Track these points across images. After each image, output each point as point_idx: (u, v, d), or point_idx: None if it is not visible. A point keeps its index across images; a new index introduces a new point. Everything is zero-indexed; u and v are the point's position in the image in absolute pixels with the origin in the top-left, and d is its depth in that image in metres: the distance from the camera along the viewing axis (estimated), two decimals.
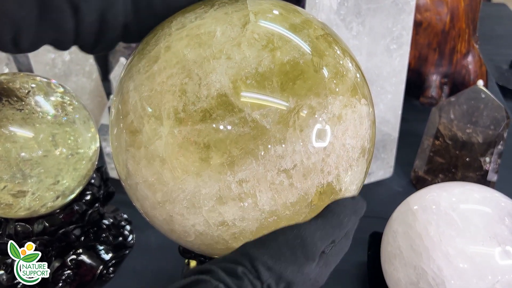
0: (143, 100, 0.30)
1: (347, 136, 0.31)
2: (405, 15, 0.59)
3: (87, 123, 0.50)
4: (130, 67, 0.33)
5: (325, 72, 0.30)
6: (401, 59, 0.62)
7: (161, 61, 0.30)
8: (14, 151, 0.44)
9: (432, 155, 0.67)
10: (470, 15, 0.78)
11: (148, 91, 0.30)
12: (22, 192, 0.46)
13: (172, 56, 0.30)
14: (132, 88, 0.31)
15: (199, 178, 0.29)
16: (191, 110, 0.28)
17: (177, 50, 0.30)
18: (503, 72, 1.04)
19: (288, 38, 0.30)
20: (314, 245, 0.29)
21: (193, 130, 0.28)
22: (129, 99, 0.31)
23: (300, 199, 0.30)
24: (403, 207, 0.49)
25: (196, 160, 0.28)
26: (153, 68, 0.30)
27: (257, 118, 0.28)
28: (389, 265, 0.47)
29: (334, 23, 0.58)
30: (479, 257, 0.42)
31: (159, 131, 0.29)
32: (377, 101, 0.64)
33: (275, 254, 0.29)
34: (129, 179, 0.32)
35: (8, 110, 0.44)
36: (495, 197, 0.46)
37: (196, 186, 0.29)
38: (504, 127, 0.62)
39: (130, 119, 0.31)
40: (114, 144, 0.34)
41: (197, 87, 0.28)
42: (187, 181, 0.29)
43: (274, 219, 0.30)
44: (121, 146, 0.32)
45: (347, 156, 0.31)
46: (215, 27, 0.30)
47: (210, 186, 0.29)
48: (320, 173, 0.29)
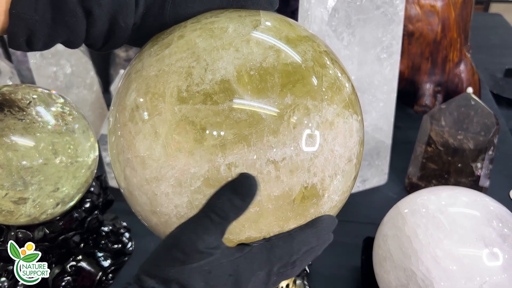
0: (149, 79, 0.32)
1: (337, 143, 0.32)
2: (394, 25, 0.60)
3: (86, 132, 0.52)
4: (141, 52, 0.35)
5: (323, 81, 0.32)
6: (391, 68, 0.63)
7: (173, 46, 0.32)
8: (16, 160, 0.46)
9: (425, 162, 0.68)
10: (461, 25, 0.80)
11: (156, 71, 0.32)
12: (23, 199, 0.47)
13: (184, 43, 0.32)
14: (140, 68, 0.33)
15: (191, 157, 0.30)
16: (194, 90, 0.30)
17: (189, 39, 0.32)
18: (497, 81, 1.06)
19: (294, 44, 0.33)
20: (188, 241, 0.29)
21: (192, 110, 0.30)
22: (136, 79, 0.33)
23: (284, 194, 0.31)
24: (394, 211, 0.50)
25: (191, 139, 0.30)
26: (164, 52, 0.32)
27: (255, 106, 0.29)
28: (380, 268, 0.49)
29: (326, 33, 0.59)
30: (467, 258, 0.43)
31: (160, 107, 0.30)
32: (369, 109, 0.66)
33: (155, 260, 0.30)
34: (122, 155, 0.33)
35: (10, 120, 0.46)
36: (484, 201, 0.47)
37: (186, 164, 0.30)
38: (494, 133, 0.63)
39: (134, 96, 0.32)
40: (113, 152, 0.36)
41: (203, 71, 0.30)
42: (178, 158, 0.30)
43: (256, 211, 0.31)
44: (118, 122, 0.33)
45: (334, 163, 0.32)
46: (228, 24, 0.33)
47: (200, 166, 0.29)
48: (307, 172, 0.31)
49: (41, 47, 0.33)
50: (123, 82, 0.35)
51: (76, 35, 0.32)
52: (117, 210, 0.64)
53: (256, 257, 0.31)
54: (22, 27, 0.31)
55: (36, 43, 0.32)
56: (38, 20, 0.31)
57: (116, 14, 0.32)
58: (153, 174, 0.31)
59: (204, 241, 0.29)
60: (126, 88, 0.33)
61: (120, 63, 0.94)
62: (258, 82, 0.30)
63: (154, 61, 0.32)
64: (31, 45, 0.32)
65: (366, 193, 0.73)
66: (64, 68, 0.77)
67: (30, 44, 0.32)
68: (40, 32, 0.31)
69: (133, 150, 0.32)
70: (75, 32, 0.32)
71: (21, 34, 0.31)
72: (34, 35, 0.31)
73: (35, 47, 0.32)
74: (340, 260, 0.61)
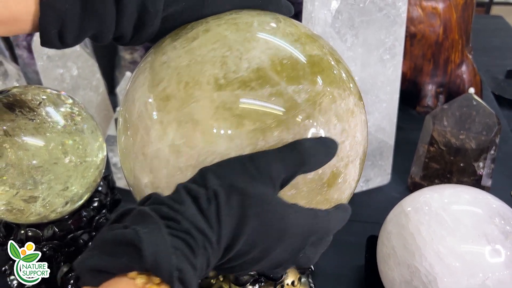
0: (181, 68, 0.32)
1: (357, 131, 0.34)
2: (397, 27, 0.61)
3: (94, 132, 0.53)
4: (160, 47, 0.35)
5: (342, 73, 0.35)
6: (394, 69, 0.64)
7: (201, 39, 0.33)
8: (26, 159, 0.47)
9: (427, 162, 0.69)
10: (462, 26, 0.81)
11: (187, 61, 0.32)
12: (33, 197, 0.48)
13: (212, 36, 0.33)
14: (166, 60, 0.33)
15: (232, 142, 0.30)
16: (231, 78, 0.31)
17: (217, 32, 0.33)
18: (499, 82, 1.07)
19: (313, 39, 0.35)
20: (268, 164, 0.29)
21: (231, 96, 0.31)
22: (162, 70, 0.33)
23: (317, 177, 0.32)
24: (397, 209, 0.51)
25: (230, 125, 0.30)
26: (192, 44, 0.33)
27: (290, 92, 0.31)
28: (384, 265, 0.49)
29: (329, 35, 0.60)
30: (469, 255, 0.44)
31: (196, 95, 0.31)
32: (372, 109, 0.67)
33: (226, 165, 0.29)
34: (147, 148, 0.32)
35: (21, 120, 0.47)
36: (486, 199, 0.48)
37: (227, 149, 0.30)
38: (496, 133, 0.64)
39: (163, 87, 0.32)
40: (123, 151, 0.37)
41: (238, 60, 0.32)
42: (219, 144, 0.30)
43: (292, 193, 0.32)
44: (141, 116, 0.33)
45: (355, 149, 0.34)
46: (252, 19, 0.34)
47: (241, 150, 0.30)
48: (336, 156, 0.32)
49: (72, 41, 0.33)
50: (142, 75, 0.35)
51: (106, 25, 0.32)
52: None
53: (302, 215, 0.31)
54: (53, 17, 0.31)
55: (68, 36, 0.32)
56: (69, 8, 0.31)
57: (145, 2, 0.32)
58: (190, 162, 0.31)
59: (279, 169, 0.29)
60: (151, 79, 0.33)
61: (126, 66, 0.95)
62: (291, 70, 0.32)
63: (182, 52, 0.33)
64: (63, 39, 0.32)
65: (369, 192, 0.74)
66: (70, 70, 0.78)
67: (62, 37, 0.32)
68: (71, 23, 0.31)
69: (165, 140, 0.32)
70: (106, 22, 0.32)
71: (53, 25, 0.31)
72: (66, 26, 0.31)
73: (67, 40, 0.32)
74: (344, 258, 0.61)
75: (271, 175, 0.29)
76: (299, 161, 0.30)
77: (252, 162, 0.29)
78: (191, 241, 0.26)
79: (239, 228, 0.28)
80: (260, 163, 0.29)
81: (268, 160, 0.29)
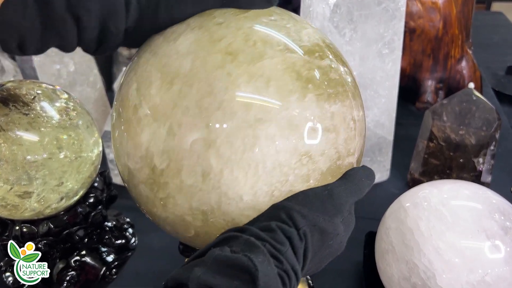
0: (244, 29, 0.32)
1: (366, 123, 0.38)
2: (396, 21, 0.61)
3: (90, 127, 0.52)
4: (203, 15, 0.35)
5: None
6: (393, 63, 0.63)
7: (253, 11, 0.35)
8: (20, 154, 0.46)
9: (427, 157, 0.68)
10: (462, 21, 0.80)
11: (250, 24, 0.33)
12: (28, 193, 0.47)
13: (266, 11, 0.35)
14: (223, 22, 0.33)
15: (301, 102, 0.31)
16: (298, 44, 0.33)
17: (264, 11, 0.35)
18: (499, 79, 1.06)
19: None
20: (341, 199, 0.32)
21: (300, 59, 0.32)
22: (220, 29, 0.33)
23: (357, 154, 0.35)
24: (396, 204, 0.51)
25: (300, 86, 0.31)
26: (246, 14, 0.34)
27: (341, 70, 0.34)
28: (383, 261, 0.49)
29: (328, 29, 0.60)
30: (469, 250, 0.43)
31: (267, 52, 0.31)
32: (371, 105, 0.66)
33: (307, 204, 0.31)
34: (209, 98, 0.31)
35: (15, 114, 0.46)
36: (486, 194, 0.48)
37: (299, 107, 0.31)
38: (495, 128, 0.63)
39: (228, 42, 0.32)
40: (117, 146, 0.36)
41: (299, 32, 0.34)
42: (291, 102, 0.31)
43: (339, 164, 0.33)
44: (204, 68, 0.31)
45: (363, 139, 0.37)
46: (272, 12, 0.35)
47: (311, 110, 0.31)
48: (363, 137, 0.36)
49: (34, 52, 0.33)
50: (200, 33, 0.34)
51: (67, 41, 0.33)
52: (119, 207, 0.64)
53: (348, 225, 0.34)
54: (12, 33, 0.31)
55: (28, 48, 0.32)
56: (28, 26, 0.31)
57: (106, 20, 0.33)
58: (260, 116, 0.31)
59: (348, 203, 0.33)
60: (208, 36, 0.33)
61: (123, 62, 0.94)
62: (334, 53, 0.35)
63: (241, 17, 0.34)
64: (24, 50, 0.33)
65: None
66: (67, 66, 0.77)
67: (23, 49, 0.32)
68: (31, 38, 0.32)
69: (231, 92, 0.30)
70: (66, 38, 0.33)
71: (12, 40, 0.31)
72: (25, 40, 0.32)
73: (28, 52, 0.33)
74: (342, 254, 0.60)
75: (344, 209, 0.32)
76: (359, 192, 0.34)
77: (330, 200, 0.32)
78: (287, 280, 0.28)
79: (313, 258, 0.31)
80: (336, 200, 0.32)
81: (341, 196, 0.32)
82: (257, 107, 0.30)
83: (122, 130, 0.34)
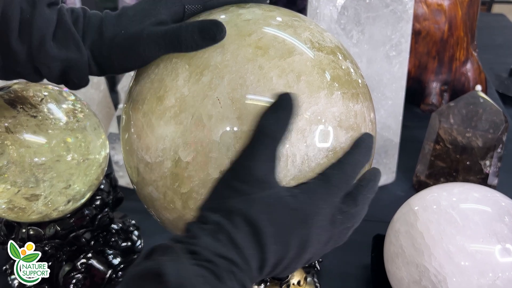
0: (272, 26, 0.34)
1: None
2: (403, 23, 0.61)
3: (97, 129, 0.52)
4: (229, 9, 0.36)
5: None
6: (400, 66, 0.63)
7: (279, 10, 0.36)
8: (28, 156, 0.46)
9: (433, 160, 0.68)
10: (468, 24, 0.80)
11: (277, 22, 0.34)
12: (35, 196, 0.47)
13: (287, 11, 0.37)
14: (251, 18, 0.34)
15: (330, 98, 0.32)
16: (322, 44, 0.34)
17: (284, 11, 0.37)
18: (503, 80, 1.06)
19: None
20: (247, 170, 0.30)
21: (325, 58, 0.33)
22: (249, 25, 0.33)
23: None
24: (405, 207, 0.50)
25: (327, 83, 0.32)
26: (271, 13, 0.35)
27: (359, 74, 0.36)
28: (392, 264, 0.49)
29: (335, 32, 0.60)
30: (479, 254, 0.43)
31: (295, 48, 0.32)
32: (378, 107, 0.66)
33: (216, 194, 0.30)
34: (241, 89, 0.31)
35: (23, 116, 0.46)
36: (495, 197, 0.48)
37: (327, 103, 0.32)
38: (503, 131, 0.63)
39: (258, 37, 0.32)
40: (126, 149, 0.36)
41: (321, 34, 0.35)
42: (320, 97, 0.32)
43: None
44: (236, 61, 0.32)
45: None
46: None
47: (337, 107, 0.32)
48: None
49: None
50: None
51: (32, 80, 0.36)
52: (125, 209, 0.64)
53: (315, 191, 0.31)
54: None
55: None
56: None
57: (68, 73, 0.35)
58: None
59: (261, 167, 0.29)
60: (237, 30, 0.33)
61: None
62: (349, 56, 0.36)
63: (268, 15, 0.35)
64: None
65: None
66: None
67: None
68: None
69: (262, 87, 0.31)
70: (29, 79, 0.36)
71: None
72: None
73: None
74: (349, 258, 0.61)
75: (256, 175, 0.29)
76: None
77: (235, 178, 0.30)
78: (214, 267, 0.26)
79: (259, 241, 0.28)
80: (242, 174, 0.30)
81: (247, 165, 0.30)
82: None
83: (140, 124, 0.34)
